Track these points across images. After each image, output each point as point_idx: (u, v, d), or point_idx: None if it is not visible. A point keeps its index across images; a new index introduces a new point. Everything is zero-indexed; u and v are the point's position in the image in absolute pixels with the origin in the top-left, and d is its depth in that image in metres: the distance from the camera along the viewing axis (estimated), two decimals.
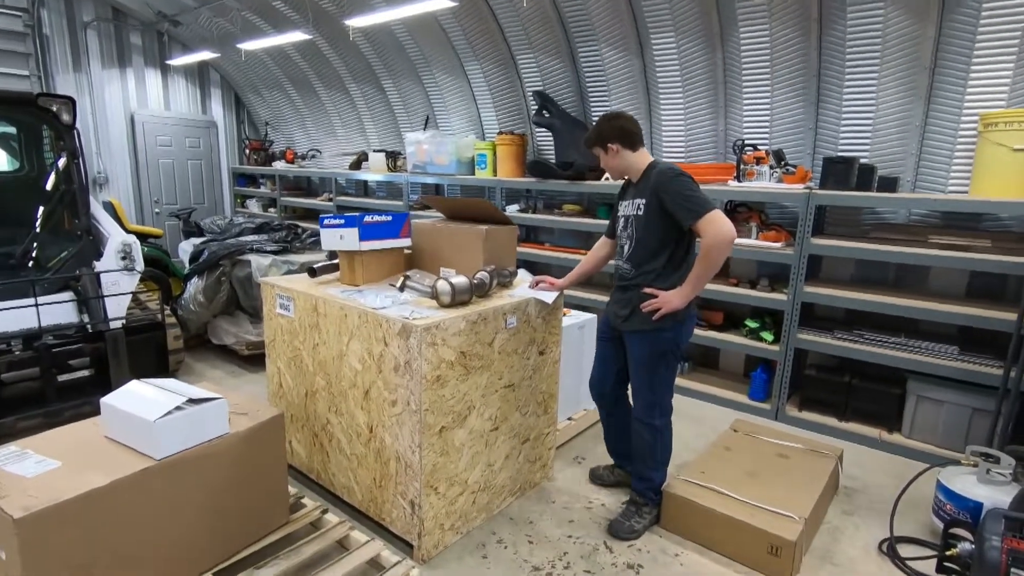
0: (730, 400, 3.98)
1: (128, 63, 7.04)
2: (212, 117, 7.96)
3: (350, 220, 2.62)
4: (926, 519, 2.67)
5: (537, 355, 2.69)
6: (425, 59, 5.58)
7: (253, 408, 2.26)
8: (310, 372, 2.61)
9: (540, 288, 2.68)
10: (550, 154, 5.08)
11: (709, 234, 2.14)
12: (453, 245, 2.81)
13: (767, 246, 3.71)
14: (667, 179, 2.25)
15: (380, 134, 6.71)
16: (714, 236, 2.13)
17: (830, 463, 2.84)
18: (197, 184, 7.90)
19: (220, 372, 4.39)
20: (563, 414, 3.32)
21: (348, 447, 2.50)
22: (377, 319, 2.23)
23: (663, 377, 2.47)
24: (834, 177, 3.46)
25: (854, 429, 3.53)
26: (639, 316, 2.39)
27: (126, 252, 3.74)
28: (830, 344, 3.53)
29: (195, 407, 1.94)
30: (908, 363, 3.29)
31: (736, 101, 4.09)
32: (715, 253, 2.17)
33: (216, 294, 4.54)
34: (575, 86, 4.86)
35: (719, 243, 2.14)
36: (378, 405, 2.31)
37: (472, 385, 2.34)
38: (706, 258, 2.19)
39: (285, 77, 7.08)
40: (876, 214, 3.76)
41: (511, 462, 2.67)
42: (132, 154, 7.22)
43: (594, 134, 2.42)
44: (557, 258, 4.75)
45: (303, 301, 2.57)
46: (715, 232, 2.13)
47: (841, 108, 3.66)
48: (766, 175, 3.72)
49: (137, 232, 6.15)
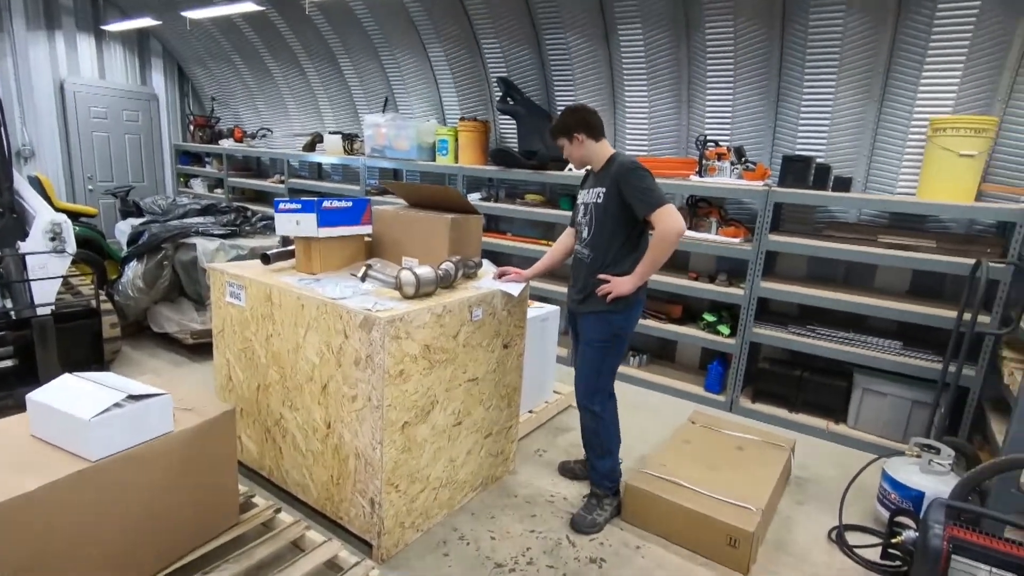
0: (686, 392, 4.05)
1: (58, 25, 6.49)
2: (153, 89, 7.46)
3: (307, 205, 2.48)
4: (872, 507, 2.79)
5: (501, 348, 2.64)
6: (385, 38, 5.38)
7: (200, 403, 2.11)
8: (263, 365, 2.47)
9: (506, 280, 2.63)
10: (513, 142, 5.01)
11: (661, 226, 2.26)
12: (417, 234, 2.72)
13: (726, 241, 3.78)
14: (627, 171, 2.34)
15: (336, 115, 6.45)
16: (665, 229, 2.25)
17: (783, 454, 2.93)
18: (136, 161, 7.40)
19: (162, 362, 4.14)
20: (524, 407, 3.29)
21: (303, 443, 2.39)
22: (337, 310, 2.12)
23: (610, 362, 2.54)
24: (792, 175, 3.54)
25: (804, 420, 3.65)
26: (594, 298, 2.46)
27: (55, 232, 3.44)
28: (784, 338, 3.64)
29: (135, 404, 1.79)
30: (855, 357, 3.43)
31: (699, 96, 4.13)
32: (665, 244, 2.29)
33: (157, 279, 4.27)
34: (540, 74, 4.79)
35: (669, 235, 2.26)
36: (337, 400, 2.20)
37: (436, 379, 2.27)
38: (656, 248, 2.30)
39: (233, 50, 6.70)
40: (829, 213, 3.88)
41: (473, 457, 2.61)
42: (62, 125, 6.69)
43: (560, 125, 2.50)
44: (519, 248, 4.70)
45: (256, 289, 2.42)
46: (666, 225, 2.25)
47: (800, 107, 3.75)
48: (727, 171, 3.77)
49: (68, 211, 5.70)
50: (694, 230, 3.97)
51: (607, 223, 2.41)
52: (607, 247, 2.43)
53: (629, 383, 4.16)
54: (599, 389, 2.55)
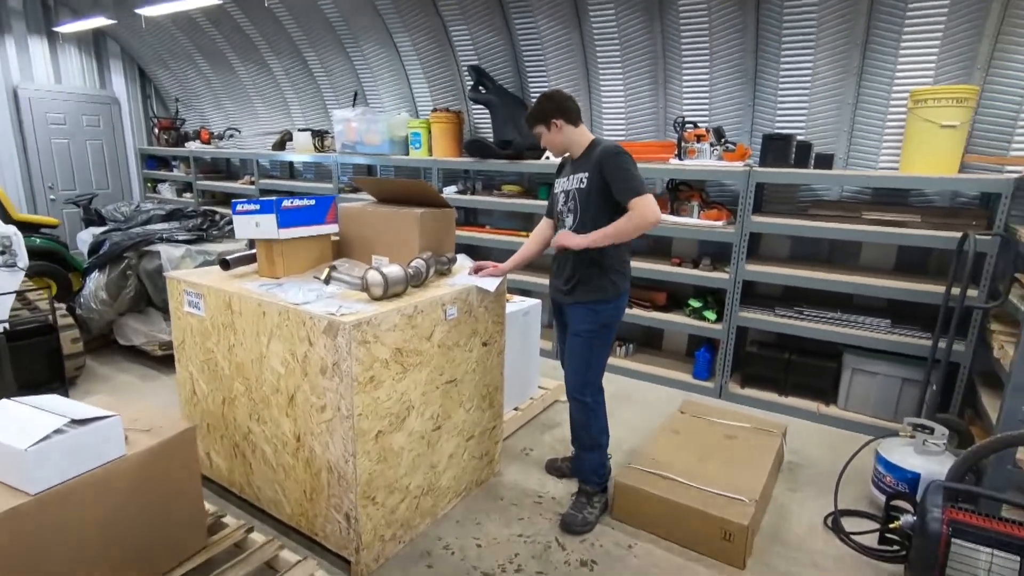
0: (675, 380, 3.97)
1: (7, 29, 6.20)
2: (113, 92, 7.18)
3: (266, 205, 2.34)
4: (866, 491, 2.73)
5: (480, 347, 2.53)
6: (351, 30, 5.20)
7: (158, 423, 1.97)
8: (227, 377, 2.33)
9: (482, 275, 2.51)
10: (488, 132, 4.87)
11: (639, 213, 2.19)
12: (386, 231, 2.58)
13: (709, 225, 3.69)
14: (611, 155, 2.26)
15: (305, 112, 6.26)
16: (642, 215, 2.19)
17: (775, 441, 2.85)
18: (99, 167, 7.13)
19: (130, 376, 3.96)
20: (509, 404, 3.18)
21: (274, 458, 2.26)
22: (300, 316, 1.99)
23: (600, 352, 2.46)
24: (773, 154, 3.45)
25: (794, 404, 3.59)
26: (582, 288, 2.38)
27: (5, 246, 3.25)
28: (771, 321, 3.56)
29: (79, 429, 1.65)
30: (843, 337, 3.36)
31: (675, 77, 4.02)
32: (632, 226, 2.21)
33: (121, 290, 4.08)
34: (512, 61, 4.65)
35: (643, 222, 2.20)
36: (305, 411, 2.07)
37: (410, 384, 2.15)
38: (625, 224, 2.20)
39: (195, 48, 6.46)
40: (812, 191, 3.81)
41: (456, 461, 2.50)
42: (18, 134, 6.41)
43: (536, 112, 2.39)
44: (498, 241, 4.58)
45: (215, 298, 2.28)
46: (644, 212, 2.18)
47: (778, 84, 3.66)
48: (707, 153, 3.67)
49: (27, 222, 5.48)
50: (675, 214, 3.88)
51: (591, 208, 2.31)
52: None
53: (616, 373, 4.07)
54: (590, 381, 2.47)
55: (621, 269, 2.41)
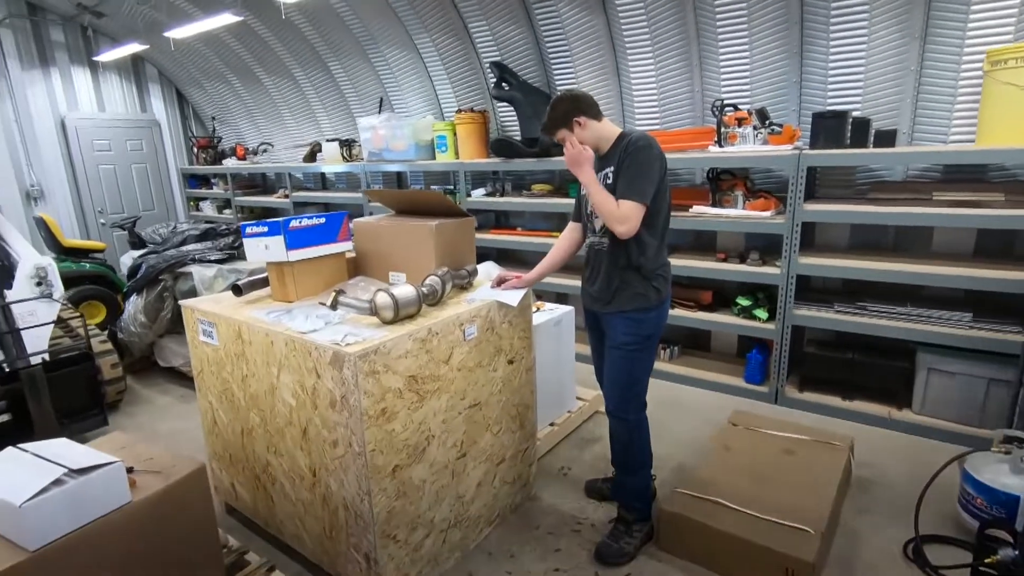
0: (725, 384, 3.68)
1: (52, 62, 6.44)
2: (154, 115, 7.39)
3: (273, 227, 2.23)
4: (951, 511, 2.40)
5: (506, 365, 2.35)
6: (370, 34, 5.10)
7: (169, 463, 1.89)
8: (243, 408, 2.25)
9: (504, 287, 2.33)
10: (514, 130, 4.68)
11: (621, 215, 2.00)
12: (400, 245, 2.44)
13: (756, 216, 3.38)
14: (636, 147, 2.04)
15: (333, 121, 6.23)
16: (621, 218, 2.00)
17: (841, 457, 2.55)
18: (144, 189, 7.36)
19: (170, 398, 4.00)
20: (544, 420, 3.00)
21: (292, 492, 2.15)
22: (305, 346, 1.86)
23: (644, 365, 2.23)
24: (825, 134, 3.12)
25: (860, 408, 3.25)
26: (621, 295, 2.16)
27: (40, 277, 3.30)
28: (831, 319, 3.23)
29: (78, 479, 1.57)
30: (916, 334, 3.01)
31: (711, 58, 3.71)
32: (608, 215, 2.03)
33: (159, 312, 4.12)
34: (535, 53, 4.44)
35: (615, 223, 2.02)
36: (318, 446, 1.95)
37: (428, 412, 1.99)
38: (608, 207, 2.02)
39: (225, 66, 6.54)
40: (871, 172, 3.44)
41: (485, 489, 2.34)
42: (68, 162, 6.67)
43: (558, 115, 2.14)
44: (530, 243, 4.39)
45: (226, 327, 2.19)
46: (625, 217, 2.00)
47: (828, 57, 3.30)
48: (750, 137, 3.36)
49: (77, 248, 5.69)
50: (718, 206, 3.58)
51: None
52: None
53: (661, 378, 3.82)
54: (632, 397, 2.25)
55: (663, 273, 2.19)
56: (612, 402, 2.28)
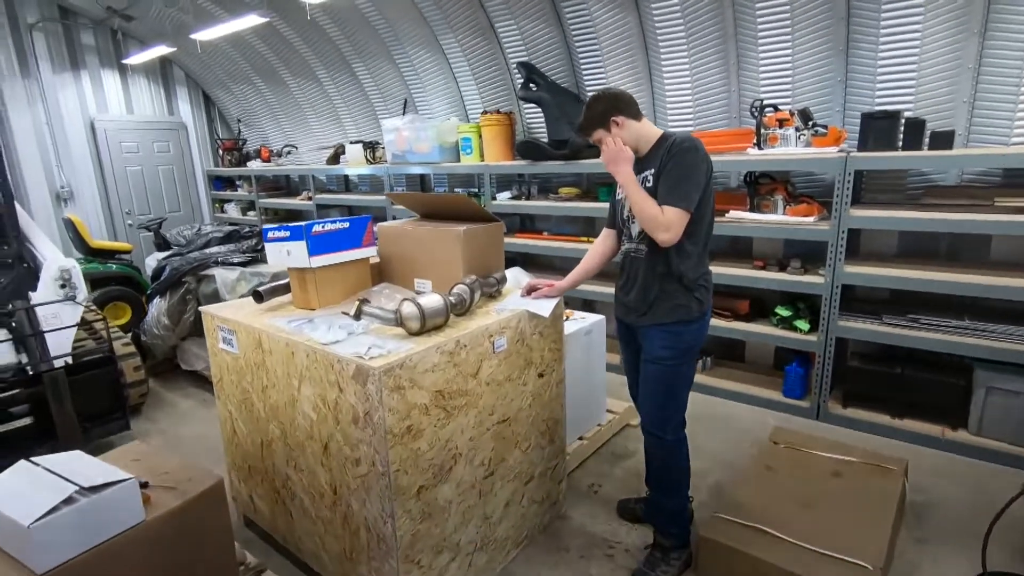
0: (762, 398, 3.50)
1: (82, 65, 6.52)
2: (180, 118, 7.44)
3: (295, 231, 2.14)
4: (1020, 544, 2.21)
5: (536, 378, 2.23)
6: (395, 35, 5.03)
7: (185, 476, 1.81)
8: (263, 419, 2.16)
9: (535, 296, 2.20)
10: (541, 132, 4.56)
11: (664, 222, 1.87)
12: (427, 251, 2.33)
13: (798, 222, 3.20)
14: (681, 148, 1.91)
15: (357, 123, 6.19)
16: (665, 225, 1.87)
17: (895, 481, 2.37)
18: (171, 191, 7.41)
19: (192, 402, 3.96)
20: (573, 434, 2.87)
21: (312, 509, 2.06)
22: (327, 358, 1.76)
23: (683, 381, 2.11)
24: (875, 136, 2.93)
25: (910, 427, 3.05)
26: (660, 306, 2.03)
27: (65, 279, 3.28)
28: (879, 331, 3.04)
29: (90, 498, 1.49)
30: (973, 349, 2.81)
31: (751, 56, 3.54)
32: (649, 220, 1.89)
33: (182, 315, 4.10)
34: (564, 53, 4.32)
35: (659, 230, 1.88)
36: (339, 463, 1.85)
37: (456, 429, 1.88)
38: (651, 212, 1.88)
39: (251, 69, 6.55)
40: (923, 176, 3.24)
41: (513, 509, 2.22)
42: (96, 164, 6.73)
43: (595, 115, 2.02)
44: (557, 248, 4.26)
45: (246, 335, 2.11)
46: (668, 224, 1.87)
47: (877, 54, 3.12)
48: (791, 139, 3.19)
49: (103, 249, 5.72)
50: (756, 211, 3.41)
51: None
52: None
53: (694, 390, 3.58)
54: (671, 415, 2.12)
55: (705, 283, 2.05)
56: (648, 420, 2.15)
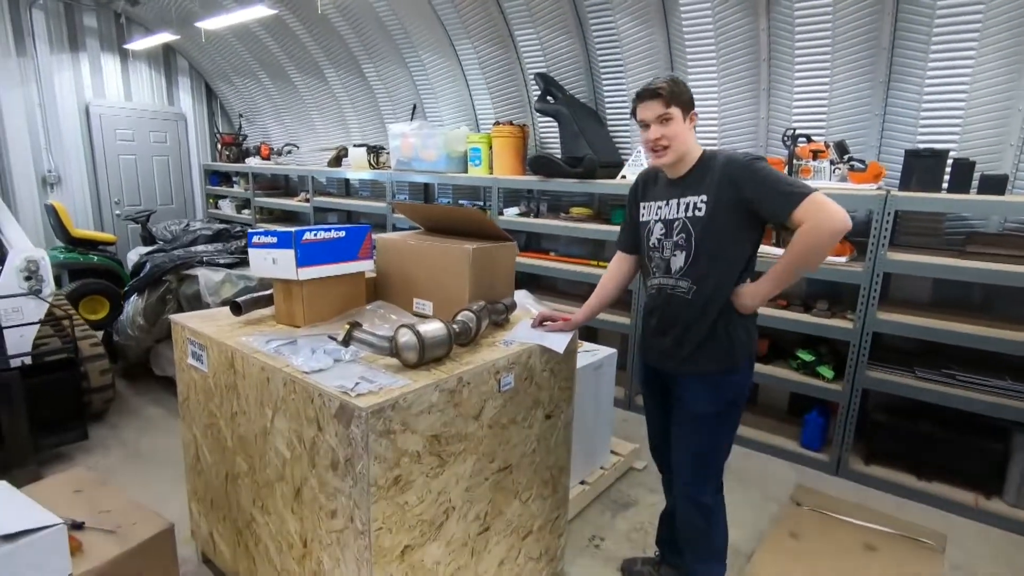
0: (777, 447, 3.25)
1: (82, 47, 6.28)
2: (180, 109, 7.20)
3: (284, 238, 1.90)
4: None
5: (543, 420, 1.97)
6: (409, 37, 4.83)
7: (129, 519, 1.55)
8: (229, 449, 1.89)
9: (548, 329, 1.96)
10: (555, 148, 4.36)
11: (815, 220, 1.55)
12: (429, 268, 2.09)
13: (828, 261, 2.98)
14: (742, 165, 1.67)
15: (362, 126, 5.97)
16: (821, 222, 1.54)
17: (935, 560, 2.13)
18: (164, 183, 7.15)
19: (161, 410, 3.67)
20: (574, 478, 2.61)
21: (278, 559, 1.78)
22: (308, 389, 1.51)
23: (726, 437, 1.87)
24: (919, 175, 2.73)
25: (939, 491, 2.81)
26: (704, 353, 1.77)
27: (31, 271, 3.01)
28: (911, 385, 2.81)
29: (2, 548, 1.22)
30: (1014, 412, 2.58)
31: (784, 82, 3.35)
32: (818, 243, 1.58)
33: (159, 316, 3.81)
34: (584, 66, 4.12)
35: (828, 230, 1.55)
36: (313, 512, 1.59)
37: (450, 479, 1.62)
38: (804, 249, 1.59)
39: (256, 63, 6.33)
40: (964, 221, 3.03)
41: (508, 567, 1.95)
42: (88, 150, 6.47)
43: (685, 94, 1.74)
44: (564, 271, 4.02)
45: (217, 352, 1.85)
46: (824, 217, 1.54)
47: (924, 87, 2.93)
48: (826, 172, 2.99)
49: (86, 238, 5.44)
50: (782, 247, 3.19)
51: (712, 242, 1.72)
52: (722, 276, 1.74)
53: None
54: (712, 476, 1.89)
55: (754, 324, 1.84)
56: (686, 481, 1.89)
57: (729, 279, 1.74)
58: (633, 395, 3.79)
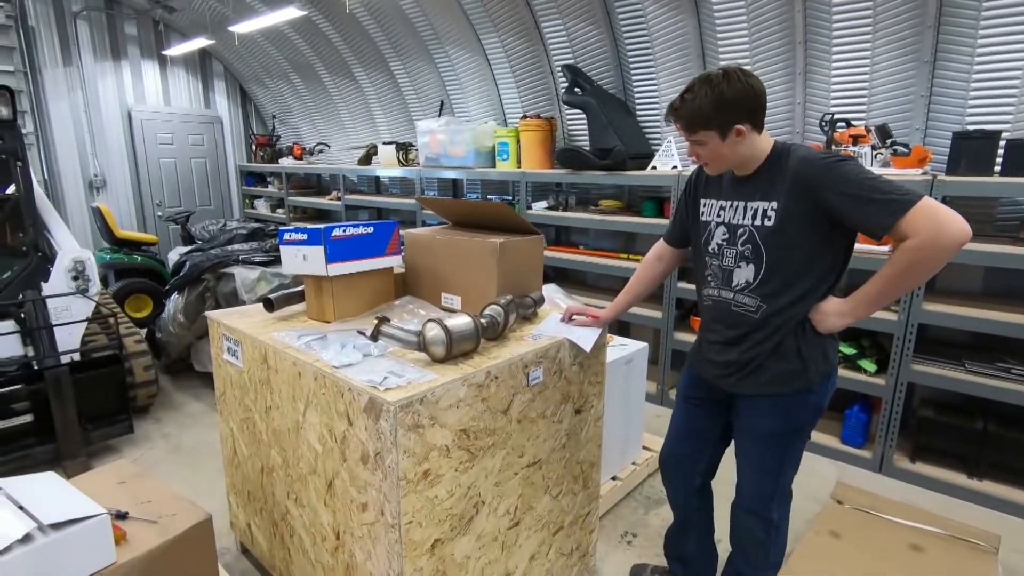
0: (816, 443, 3.15)
1: (123, 55, 6.52)
2: (216, 112, 7.40)
3: (314, 235, 1.92)
4: None
5: (572, 415, 1.95)
6: (435, 33, 4.84)
7: (169, 510, 1.59)
8: (264, 443, 1.93)
9: (576, 324, 1.93)
10: (583, 140, 4.31)
11: (928, 234, 1.29)
12: (457, 263, 2.09)
13: (870, 251, 2.86)
14: (821, 168, 1.41)
15: (391, 124, 6.02)
16: (937, 237, 1.28)
17: (988, 562, 2.02)
18: (202, 184, 7.37)
19: (202, 405, 3.78)
20: (606, 473, 2.58)
21: (312, 551, 1.81)
22: (337, 384, 1.52)
23: (795, 455, 1.73)
24: (968, 158, 2.59)
25: (991, 490, 2.68)
26: (769, 370, 1.59)
27: (78, 271, 3.14)
28: (960, 379, 2.68)
29: (49, 537, 1.27)
30: None
31: (821, 65, 3.23)
32: (932, 261, 1.33)
33: (199, 313, 3.92)
34: (612, 57, 4.06)
35: (946, 245, 1.29)
36: (345, 505, 1.61)
37: (480, 473, 1.62)
38: (911, 266, 1.35)
39: (288, 64, 6.45)
40: (1017, 206, 2.87)
41: (539, 563, 1.94)
42: (131, 154, 6.72)
43: (710, 108, 1.45)
44: (593, 264, 3.98)
45: (251, 348, 1.89)
46: (940, 230, 1.28)
47: (973, 66, 2.78)
48: (867, 158, 2.87)
49: (130, 239, 5.65)
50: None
51: (782, 254, 1.50)
52: (796, 295, 1.53)
53: None
54: (780, 490, 1.75)
55: (831, 342, 1.63)
56: (750, 498, 1.79)
57: (805, 297, 1.53)
58: (667, 390, 3.73)
